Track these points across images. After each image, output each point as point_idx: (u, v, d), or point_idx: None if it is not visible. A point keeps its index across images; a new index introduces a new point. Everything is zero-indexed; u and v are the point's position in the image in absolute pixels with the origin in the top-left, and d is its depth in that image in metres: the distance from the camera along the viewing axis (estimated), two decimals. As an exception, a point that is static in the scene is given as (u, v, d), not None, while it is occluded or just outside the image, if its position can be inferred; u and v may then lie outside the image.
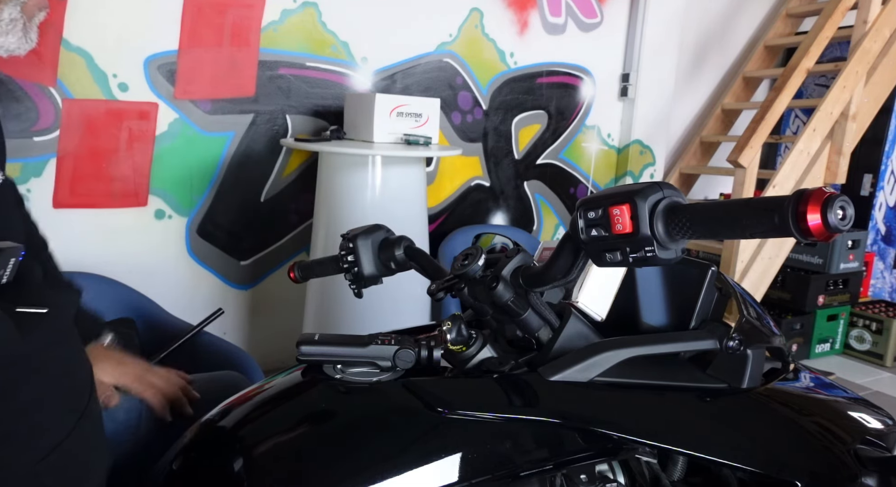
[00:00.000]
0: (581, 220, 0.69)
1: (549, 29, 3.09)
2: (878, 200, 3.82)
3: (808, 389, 0.94)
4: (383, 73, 2.72)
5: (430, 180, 2.93)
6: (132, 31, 2.23)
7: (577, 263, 0.75)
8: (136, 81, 2.27)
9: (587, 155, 3.37)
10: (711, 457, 0.76)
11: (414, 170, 2.28)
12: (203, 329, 1.56)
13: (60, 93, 2.16)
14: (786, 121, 4.13)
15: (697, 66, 3.80)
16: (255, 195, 2.57)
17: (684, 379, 0.83)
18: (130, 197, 2.33)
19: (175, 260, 2.45)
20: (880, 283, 4.02)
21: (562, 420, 0.74)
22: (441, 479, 0.68)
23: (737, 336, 0.81)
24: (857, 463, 0.80)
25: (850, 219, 0.56)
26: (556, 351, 0.79)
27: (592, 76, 3.28)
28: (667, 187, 0.65)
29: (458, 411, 0.73)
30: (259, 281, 2.65)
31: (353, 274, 1.04)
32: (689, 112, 3.87)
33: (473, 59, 2.92)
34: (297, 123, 2.58)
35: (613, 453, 0.79)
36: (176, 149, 2.38)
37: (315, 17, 2.53)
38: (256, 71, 2.46)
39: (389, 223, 1.08)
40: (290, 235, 2.68)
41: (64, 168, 2.20)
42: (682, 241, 0.65)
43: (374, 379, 0.79)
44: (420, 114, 2.32)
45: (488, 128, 3.04)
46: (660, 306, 0.89)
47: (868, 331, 3.53)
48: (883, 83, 3.35)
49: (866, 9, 3.16)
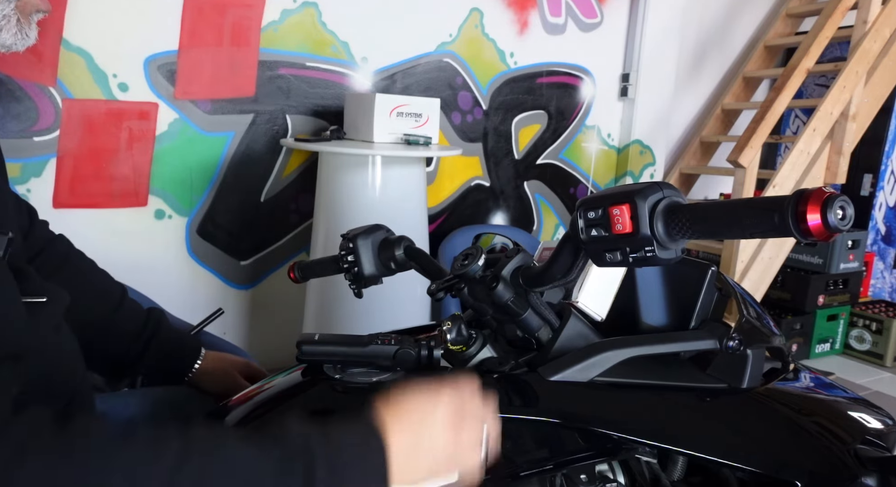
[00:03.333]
0: (581, 220, 0.69)
1: (549, 29, 3.09)
2: (878, 200, 3.82)
3: (808, 389, 0.94)
4: (383, 73, 2.72)
5: (430, 180, 2.93)
6: (132, 31, 2.23)
7: (577, 263, 0.75)
8: (136, 81, 2.27)
9: (587, 155, 3.37)
10: (711, 457, 0.76)
11: (414, 170, 2.28)
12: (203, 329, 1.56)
13: (60, 93, 2.16)
14: (786, 121, 4.13)
15: (697, 66, 3.80)
16: (255, 195, 2.58)
17: (684, 379, 0.83)
18: (130, 197, 2.33)
19: (175, 260, 2.45)
20: (880, 283, 4.02)
21: (562, 420, 0.74)
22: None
23: (737, 336, 0.81)
24: (857, 463, 0.80)
25: (849, 218, 0.56)
26: (556, 351, 0.79)
27: (592, 76, 3.28)
28: (667, 187, 0.65)
29: (458, 411, 0.73)
30: (259, 281, 2.65)
31: (353, 274, 1.04)
32: (689, 112, 3.87)
33: (473, 59, 2.92)
34: (297, 123, 2.58)
35: (613, 453, 0.79)
36: (176, 149, 2.38)
37: (315, 17, 2.53)
38: (256, 71, 2.46)
39: (389, 223, 1.08)
40: (290, 235, 2.68)
41: (64, 168, 2.20)
42: (681, 241, 0.65)
43: (374, 379, 0.79)
44: (420, 114, 2.32)
45: (488, 128, 3.04)
46: (660, 306, 0.89)
47: (868, 331, 3.53)
48: (883, 83, 3.35)
49: (866, 9, 3.16)
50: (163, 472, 0.46)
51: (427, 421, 0.59)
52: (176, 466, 0.47)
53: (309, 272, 1.12)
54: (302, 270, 1.13)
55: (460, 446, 0.61)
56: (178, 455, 0.48)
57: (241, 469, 0.49)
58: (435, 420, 0.59)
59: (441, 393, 0.61)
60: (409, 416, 0.59)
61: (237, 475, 0.49)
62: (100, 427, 0.48)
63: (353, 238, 1.03)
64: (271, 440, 0.52)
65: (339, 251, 1.05)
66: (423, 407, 0.60)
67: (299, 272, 1.13)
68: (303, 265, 1.13)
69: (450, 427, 0.60)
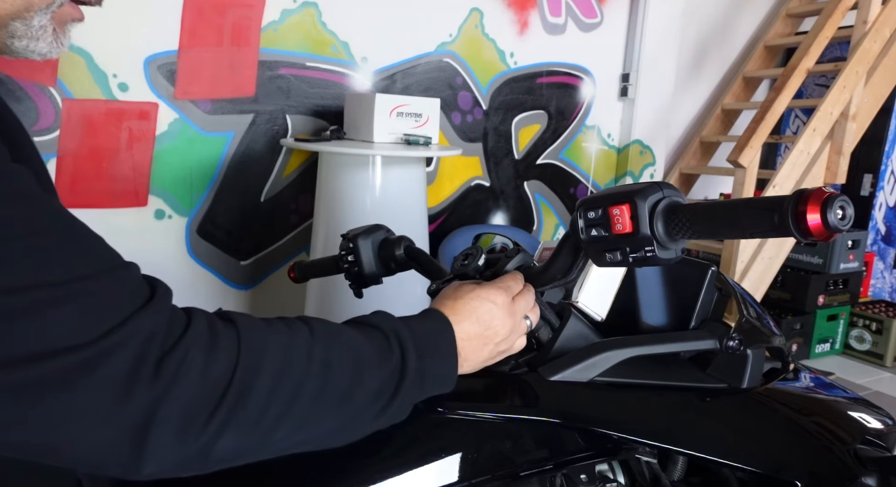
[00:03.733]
0: (581, 220, 0.69)
1: (549, 29, 3.09)
2: (878, 200, 3.82)
3: (808, 389, 0.94)
4: (383, 73, 2.72)
5: (430, 180, 2.93)
6: (132, 31, 2.23)
7: (577, 263, 0.75)
8: (136, 81, 2.27)
9: (587, 155, 3.37)
10: (711, 457, 0.76)
11: (414, 170, 2.28)
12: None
13: (60, 93, 2.16)
14: (786, 121, 4.13)
15: (697, 66, 3.80)
16: (255, 195, 2.58)
17: (684, 379, 0.83)
18: (130, 197, 2.33)
19: (175, 260, 2.45)
20: (880, 283, 4.03)
21: (562, 420, 0.74)
22: (441, 479, 0.68)
23: (737, 336, 0.81)
24: (857, 463, 0.80)
25: (849, 218, 0.56)
26: (556, 351, 0.80)
27: (592, 76, 3.28)
28: (667, 187, 0.65)
29: (458, 411, 0.73)
30: (259, 281, 2.65)
31: (353, 274, 1.04)
32: (689, 112, 3.87)
33: (473, 59, 2.92)
34: (297, 123, 2.58)
35: (613, 453, 0.79)
36: (176, 149, 2.38)
37: (315, 17, 2.53)
38: (256, 71, 2.46)
39: (389, 223, 1.08)
40: (290, 235, 2.68)
41: (64, 168, 2.20)
42: (681, 241, 0.65)
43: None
44: (420, 114, 2.32)
45: (488, 128, 3.04)
46: (660, 306, 0.89)
47: (868, 331, 3.53)
48: (883, 83, 3.35)
49: (866, 9, 3.17)
50: (301, 344, 0.58)
51: (484, 319, 0.72)
52: (310, 340, 0.59)
53: (309, 272, 1.12)
54: (302, 270, 1.13)
55: (514, 330, 0.74)
56: (308, 333, 0.60)
57: (354, 346, 0.61)
58: (491, 317, 0.72)
59: (492, 287, 0.74)
60: (468, 313, 0.71)
61: (352, 350, 0.61)
62: (246, 317, 0.59)
63: (353, 238, 1.03)
64: (369, 328, 0.65)
65: (339, 251, 1.05)
66: (478, 307, 0.72)
67: (299, 272, 1.13)
68: (303, 265, 1.13)
69: (506, 314, 0.73)
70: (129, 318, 0.50)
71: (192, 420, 0.50)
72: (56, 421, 0.47)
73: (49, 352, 0.46)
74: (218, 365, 0.52)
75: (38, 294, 0.47)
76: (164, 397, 0.49)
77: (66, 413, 0.47)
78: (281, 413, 0.55)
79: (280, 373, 0.55)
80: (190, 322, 0.54)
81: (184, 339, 0.52)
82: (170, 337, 0.52)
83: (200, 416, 0.51)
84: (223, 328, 0.55)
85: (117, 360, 0.48)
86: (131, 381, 0.48)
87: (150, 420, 0.49)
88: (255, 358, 0.55)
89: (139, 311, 0.51)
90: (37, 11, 0.62)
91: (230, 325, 0.56)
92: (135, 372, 0.49)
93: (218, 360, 0.53)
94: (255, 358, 0.55)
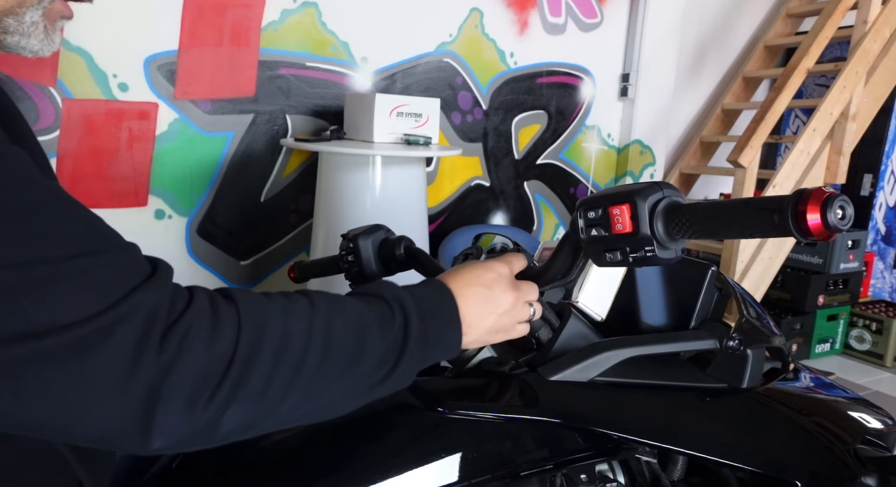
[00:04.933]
0: (581, 220, 0.69)
1: (549, 29, 3.09)
2: (878, 200, 3.82)
3: (808, 389, 0.94)
4: (383, 73, 2.72)
5: (430, 180, 2.93)
6: (132, 31, 2.23)
7: (577, 263, 0.75)
8: (136, 81, 2.27)
9: (587, 155, 3.37)
10: (711, 457, 0.76)
11: (414, 170, 2.28)
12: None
13: (60, 93, 2.16)
14: (786, 121, 4.13)
15: (697, 66, 3.80)
16: (255, 195, 2.58)
17: (684, 378, 0.83)
18: (130, 197, 2.33)
19: (175, 260, 2.45)
20: (880, 283, 4.03)
21: (562, 419, 0.75)
22: (441, 479, 0.68)
23: (737, 336, 0.81)
24: (857, 463, 0.80)
25: (849, 218, 0.56)
26: (556, 351, 0.80)
27: (592, 76, 3.28)
28: (667, 187, 0.65)
29: (458, 411, 0.73)
30: (259, 281, 2.65)
31: (353, 274, 1.04)
32: (689, 112, 3.87)
33: (473, 59, 2.92)
34: (297, 123, 2.58)
35: (613, 453, 0.79)
36: (176, 149, 2.38)
37: (315, 17, 2.53)
38: (256, 71, 2.46)
39: (389, 223, 1.08)
40: (290, 235, 2.68)
41: (64, 168, 2.20)
42: (681, 241, 0.65)
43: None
44: (420, 114, 2.32)
45: (488, 128, 3.04)
46: (660, 306, 0.89)
47: (868, 331, 3.53)
48: (883, 83, 3.35)
49: (866, 9, 3.16)
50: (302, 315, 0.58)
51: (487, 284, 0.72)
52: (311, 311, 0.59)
53: (309, 272, 1.12)
54: (302, 270, 1.13)
55: (517, 307, 0.74)
56: (308, 305, 0.60)
57: (356, 314, 0.62)
58: (493, 283, 0.73)
59: (494, 260, 0.76)
60: (471, 280, 0.72)
61: (353, 318, 0.61)
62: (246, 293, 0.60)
63: (353, 238, 1.03)
64: (373, 296, 0.65)
65: (340, 251, 1.05)
66: (482, 275, 0.73)
67: (299, 272, 1.13)
68: (303, 265, 1.13)
69: (509, 285, 0.74)
70: (133, 292, 0.50)
71: (198, 394, 0.51)
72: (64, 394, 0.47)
73: (55, 327, 0.47)
74: (221, 339, 0.53)
75: (42, 270, 0.47)
76: (170, 370, 0.50)
77: (75, 385, 0.47)
78: (285, 384, 0.56)
79: (281, 345, 0.56)
80: (192, 298, 0.55)
81: (186, 314, 0.53)
82: (173, 311, 0.52)
83: (206, 389, 0.51)
84: (224, 304, 0.56)
85: (122, 333, 0.49)
86: (137, 354, 0.49)
87: (157, 392, 0.49)
88: (256, 331, 0.55)
89: (142, 286, 0.51)
90: (28, 7, 0.63)
91: (231, 301, 0.57)
92: (140, 345, 0.49)
93: (221, 335, 0.53)
94: (257, 332, 0.55)
